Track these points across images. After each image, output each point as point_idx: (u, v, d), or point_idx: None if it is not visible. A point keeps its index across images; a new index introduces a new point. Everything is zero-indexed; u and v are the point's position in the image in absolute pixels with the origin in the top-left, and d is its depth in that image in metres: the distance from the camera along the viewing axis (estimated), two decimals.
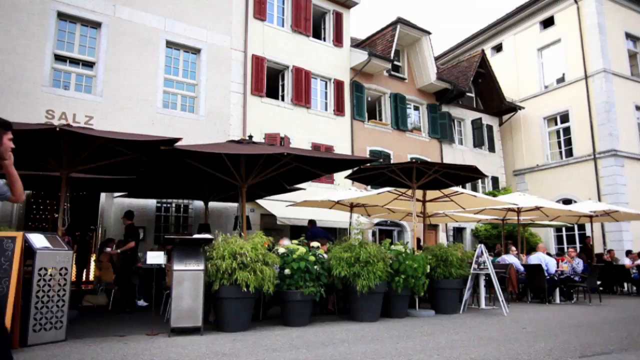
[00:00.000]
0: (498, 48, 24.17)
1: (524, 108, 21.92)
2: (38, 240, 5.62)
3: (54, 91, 11.25)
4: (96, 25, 12.16)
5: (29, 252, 5.42)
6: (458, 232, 19.81)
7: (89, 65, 12.06)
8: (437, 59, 22.83)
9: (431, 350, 5.10)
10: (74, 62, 11.92)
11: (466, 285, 8.90)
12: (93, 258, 12.31)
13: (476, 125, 21.32)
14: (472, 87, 21.91)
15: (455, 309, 8.67)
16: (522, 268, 11.21)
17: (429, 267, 8.19)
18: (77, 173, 7.96)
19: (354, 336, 6.02)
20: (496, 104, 21.80)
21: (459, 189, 11.07)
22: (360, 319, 7.39)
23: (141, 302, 9.64)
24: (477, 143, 21.20)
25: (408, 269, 7.65)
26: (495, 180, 21.31)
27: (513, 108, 21.80)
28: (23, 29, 11.04)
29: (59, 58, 11.65)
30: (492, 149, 21.86)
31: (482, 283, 9.36)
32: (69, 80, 11.77)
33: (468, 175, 9.96)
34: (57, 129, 6.10)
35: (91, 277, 12.49)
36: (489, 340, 5.74)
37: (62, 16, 11.72)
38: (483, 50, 21.99)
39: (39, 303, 5.33)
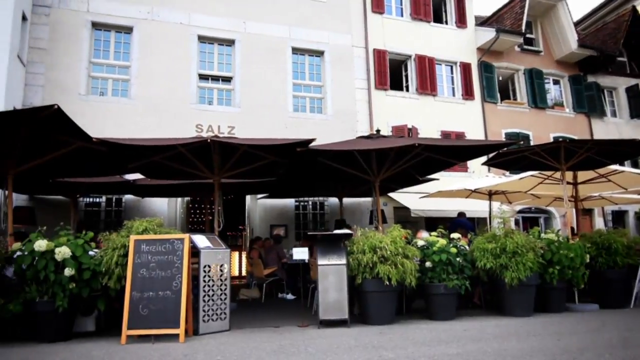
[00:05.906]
0: None
1: None
2: (201, 240, 6.31)
3: (200, 107, 12.55)
4: (230, 42, 13.26)
5: (193, 251, 6.11)
6: (618, 216, 17.54)
7: (227, 80, 13.21)
8: (576, 24, 20.45)
9: (601, 349, 4.61)
10: (215, 79, 13.16)
11: (636, 276, 7.86)
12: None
13: (632, 93, 18.63)
14: (624, 51, 19.13)
15: (624, 302, 7.72)
16: None
17: (588, 256, 7.42)
18: (225, 179, 8.73)
19: (506, 331, 5.70)
20: None
21: (617, 167, 9.82)
22: (511, 313, 6.96)
23: (289, 296, 10.27)
24: (635, 114, 18.51)
25: (563, 259, 7.02)
26: None
27: None
28: (171, 54, 12.47)
29: (202, 77, 12.96)
30: None
31: None
32: (212, 97, 13.05)
33: (627, 150, 8.78)
34: (209, 140, 6.76)
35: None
36: None
37: (202, 39, 13.01)
38: (634, 7, 19.09)
39: (205, 296, 5.97)
